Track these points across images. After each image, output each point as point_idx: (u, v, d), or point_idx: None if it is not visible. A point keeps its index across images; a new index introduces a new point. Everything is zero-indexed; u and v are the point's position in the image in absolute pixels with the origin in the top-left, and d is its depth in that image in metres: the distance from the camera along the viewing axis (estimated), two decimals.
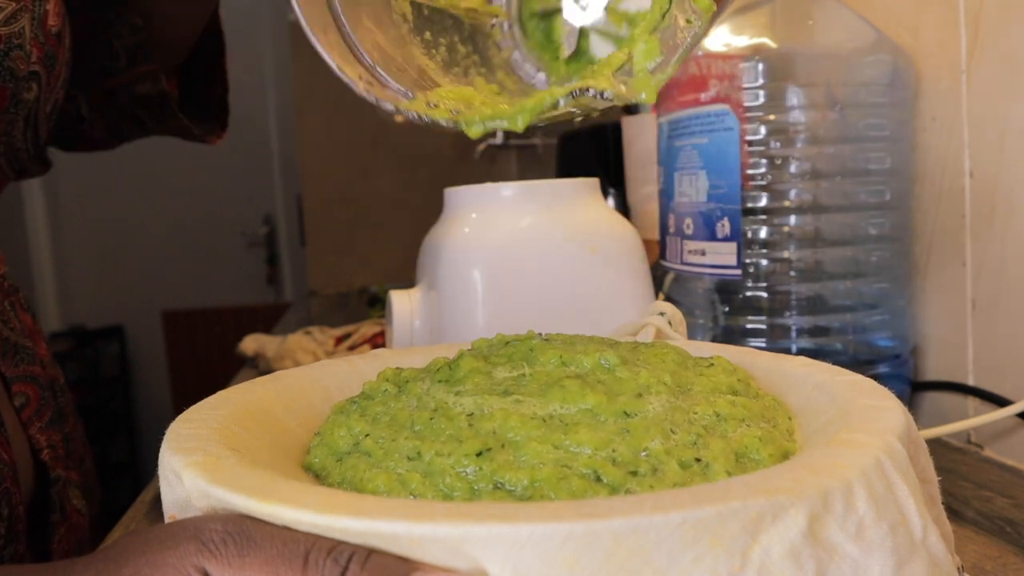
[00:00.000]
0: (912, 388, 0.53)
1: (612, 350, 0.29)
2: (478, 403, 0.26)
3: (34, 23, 0.44)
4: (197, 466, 0.22)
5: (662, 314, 0.38)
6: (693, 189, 0.52)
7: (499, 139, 2.31)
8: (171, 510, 0.23)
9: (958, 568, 0.26)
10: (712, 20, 0.28)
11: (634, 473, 0.23)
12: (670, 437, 0.24)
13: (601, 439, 0.23)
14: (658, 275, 0.58)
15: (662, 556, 0.19)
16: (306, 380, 0.33)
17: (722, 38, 0.52)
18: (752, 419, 0.26)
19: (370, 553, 0.19)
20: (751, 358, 0.32)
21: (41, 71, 0.46)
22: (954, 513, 0.41)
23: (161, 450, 0.24)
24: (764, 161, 0.49)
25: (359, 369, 0.35)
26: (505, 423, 0.24)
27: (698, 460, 0.23)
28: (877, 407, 0.25)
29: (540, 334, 0.33)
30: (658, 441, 0.23)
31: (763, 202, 0.50)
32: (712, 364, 0.30)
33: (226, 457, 0.23)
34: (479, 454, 0.23)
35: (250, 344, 0.95)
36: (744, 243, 0.50)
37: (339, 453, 0.26)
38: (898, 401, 0.26)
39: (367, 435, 0.26)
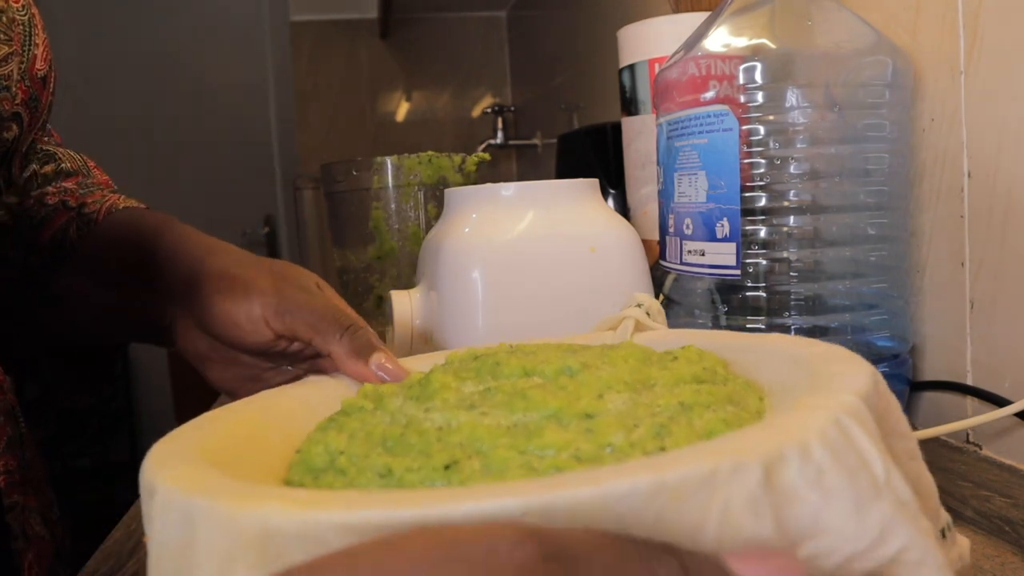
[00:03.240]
0: (911, 388, 0.53)
1: (575, 356, 0.30)
2: (446, 417, 0.27)
3: (22, 66, 0.45)
4: (177, 479, 0.22)
5: (640, 305, 0.38)
6: (692, 189, 0.52)
7: (499, 139, 2.32)
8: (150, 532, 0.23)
9: (945, 526, 0.26)
10: None
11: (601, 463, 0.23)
12: (633, 431, 0.24)
13: (565, 440, 0.24)
14: (658, 275, 0.58)
15: (625, 515, 0.19)
16: (292, 398, 0.34)
17: (722, 39, 0.52)
18: (718, 404, 0.26)
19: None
20: (725, 340, 0.33)
21: (24, 113, 0.47)
22: (953, 512, 0.41)
23: (141, 471, 0.24)
24: (763, 161, 0.49)
25: (345, 385, 0.36)
26: (472, 434, 0.25)
27: (663, 449, 0.24)
28: (843, 371, 0.25)
29: (510, 346, 0.34)
30: (621, 435, 0.24)
31: (762, 202, 0.50)
32: (676, 357, 0.31)
33: (210, 471, 0.23)
34: (447, 467, 0.24)
35: None
36: (743, 243, 0.50)
37: (316, 470, 0.26)
38: (867, 364, 0.26)
39: (342, 452, 0.26)
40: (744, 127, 0.49)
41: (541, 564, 0.16)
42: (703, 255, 0.52)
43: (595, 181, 0.57)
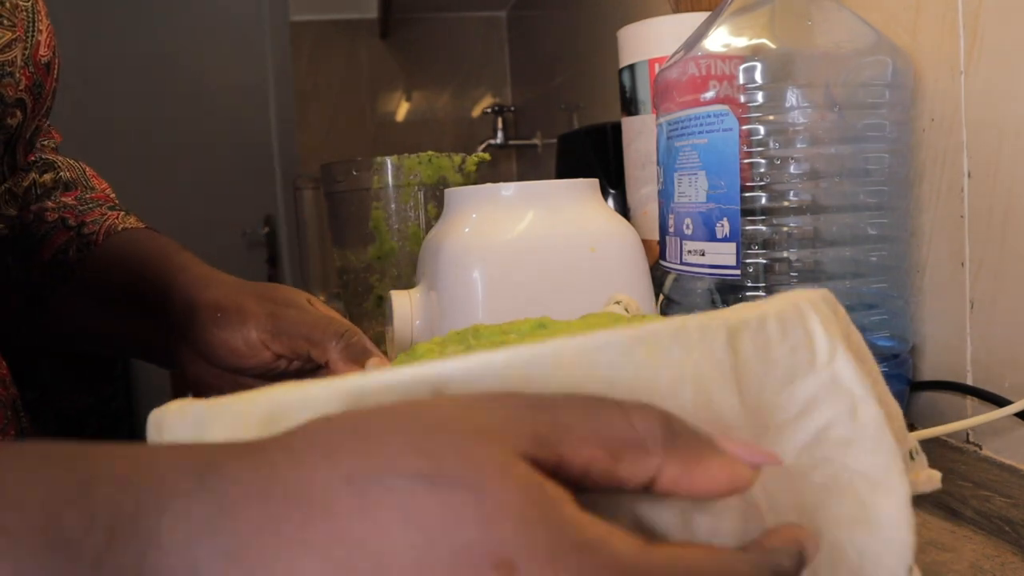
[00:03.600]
0: (911, 388, 0.53)
1: (548, 326, 0.33)
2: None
3: (26, 52, 0.46)
4: (184, 403, 0.23)
5: (618, 303, 0.39)
6: (692, 189, 0.52)
7: (499, 139, 2.31)
8: None
9: (915, 448, 0.27)
10: None
11: None
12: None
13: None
14: (658, 275, 0.58)
15: (604, 365, 0.21)
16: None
17: (722, 39, 0.52)
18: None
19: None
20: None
21: (27, 99, 0.47)
22: (952, 512, 0.41)
23: (148, 419, 0.24)
24: (763, 161, 0.49)
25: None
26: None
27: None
28: (799, 292, 0.27)
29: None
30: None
31: (762, 202, 0.50)
32: (645, 316, 0.34)
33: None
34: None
35: None
36: (743, 243, 0.50)
37: None
38: (825, 291, 0.27)
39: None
40: (744, 127, 0.49)
41: (527, 411, 0.19)
42: (703, 255, 0.52)
43: (595, 181, 0.57)
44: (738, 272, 0.50)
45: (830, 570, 0.22)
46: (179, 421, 0.22)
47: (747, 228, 0.50)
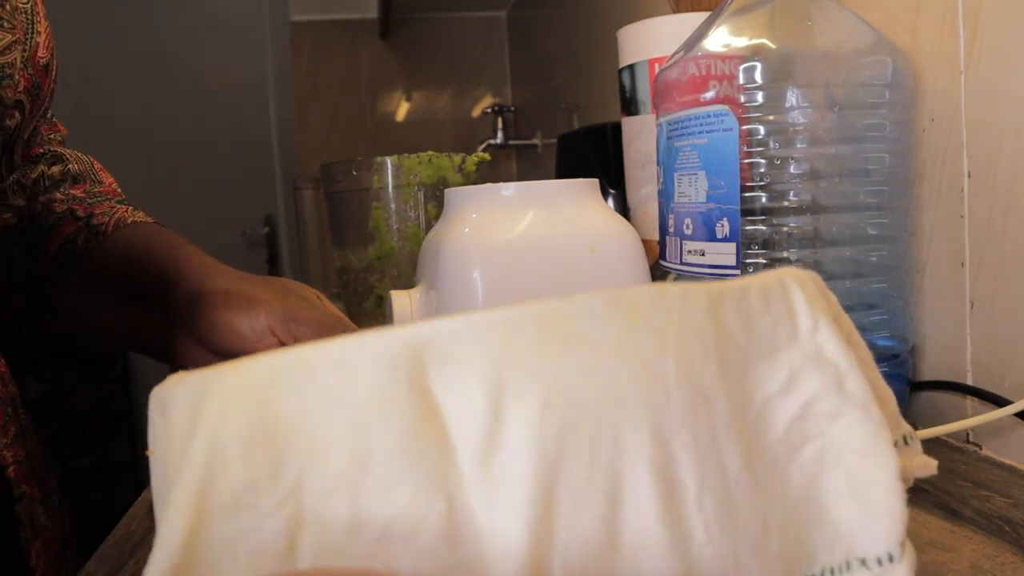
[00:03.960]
0: (911, 388, 0.53)
1: None
2: None
3: (25, 55, 0.46)
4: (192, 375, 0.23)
5: None
6: (692, 189, 0.52)
7: (499, 139, 2.32)
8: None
9: (905, 435, 0.27)
10: None
11: None
12: None
13: None
14: (658, 275, 0.58)
15: (586, 326, 0.20)
16: None
17: (721, 39, 0.52)
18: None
19: None
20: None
21: (26, 100, 0.47)
22: (952, 512, 0.41)
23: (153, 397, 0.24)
24: (763, 161, 0.49)
25: None
26: None
27: None
28: (789, 269, 0.27)
29: None
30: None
31: (762, 202, 0.50)
32: None
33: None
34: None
35: None
36: (743, 243, 0.50)
37: None
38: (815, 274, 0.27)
39: None
40: (744, 127, 0.49)
41: None
42: (703, 255, 0.52)
43: (595, 181, 0.57)
44: (738, 272, 0.50)
45: (825, 546, 0.22)
46: (179, 394, 0.22)
47: (747, 228, 0.50)
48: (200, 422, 0.21)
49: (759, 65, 0.49)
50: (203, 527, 0.19)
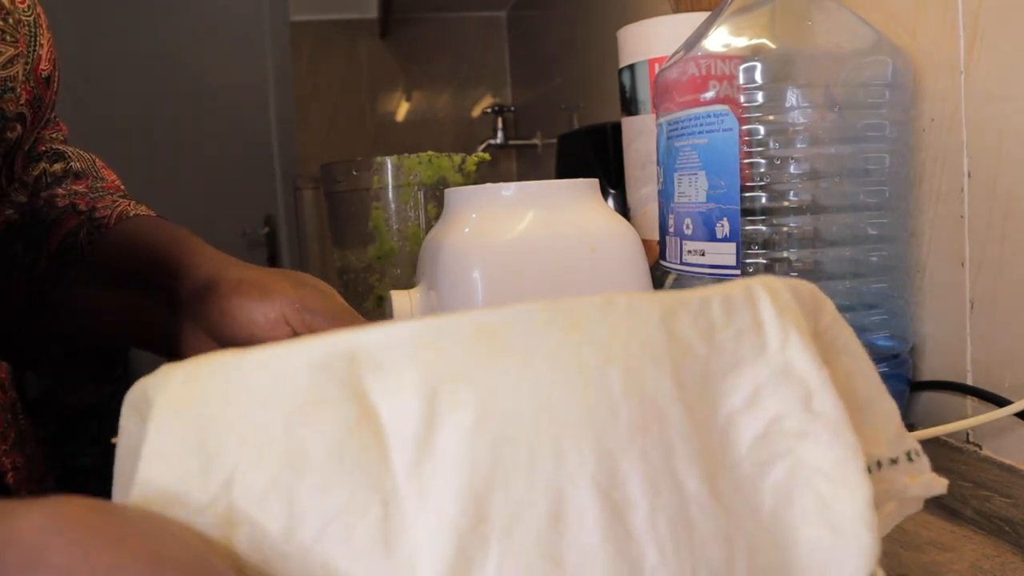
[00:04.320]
0: (911, 388, 0.53)
1: None
2: None
3: (27, 67, 0.46)
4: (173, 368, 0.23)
5: None
6: (692, 189, 0.52)
7: (499, 139, 2.32)
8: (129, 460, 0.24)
9: (910, 451, 0.25)
10: None
11: None
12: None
13: None
14: (658, 275, 0.58)
15: (522, 337, 0.20)
16: None
17: (722, 39, 0.52)
18: None
19: None
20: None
21: (27, 112, 0.47)
22: (953, 512, 0.41)
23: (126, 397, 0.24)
24: (763, 161, 0.49)
25: None
26: None
27: None
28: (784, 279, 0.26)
29: None
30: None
31: (762, 202, 0.50)
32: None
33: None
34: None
35: None
36: (743, 243, 0.50)
37: None
38: (813, 286, 0.26)
39: None
40: (744, 127, 0.49)
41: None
42: (703, 255, 0.52)
43: (595, 181, 0.57)
44: (738, 272, 0.50)
45: (797, 572, 0.21)
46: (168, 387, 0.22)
47: (747, 228, 0.50)
48: (150, 420, 0.21)
49: (759, 65, 0.49)
50: None
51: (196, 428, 0.20)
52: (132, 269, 0.52)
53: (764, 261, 0.50)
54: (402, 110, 2.58)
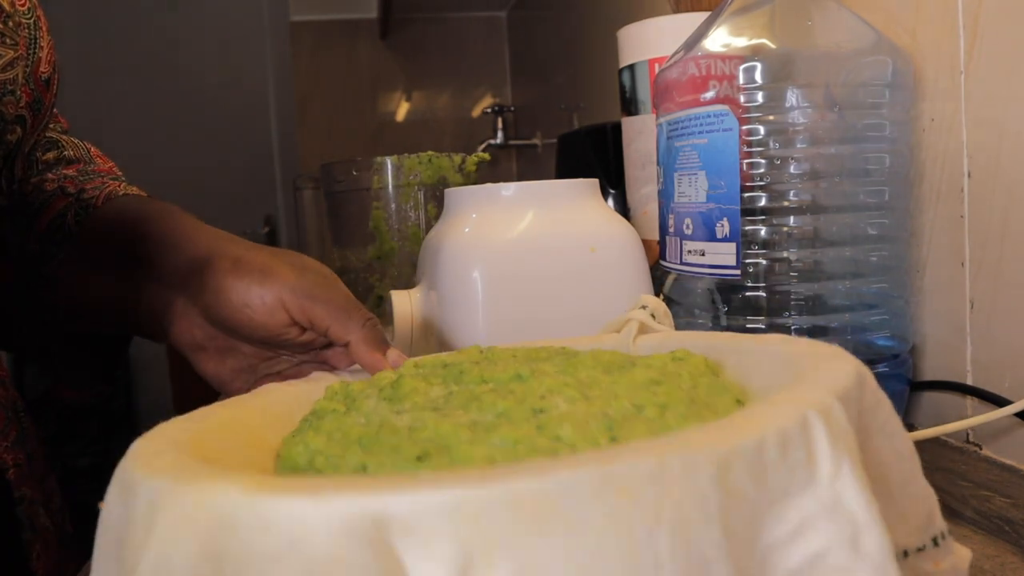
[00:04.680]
0: (911, 388, 0.53)
1: (532, 364, 0.32)
2: (415, 417, 0.28)
3: (27, 70, 0.45)
4: (161, 471, 0.22)
5: (644, 307, 0.38)
6: (692, 189, 0.52)
7: (499, 139, 2.32)
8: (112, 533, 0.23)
9: (938, 534, 0.25)
10: None
11: (554, 456, 0.24)
12: (583, 427, 0.25)
13: (518, 434, 0.25)
14: (658, 275, 0.58)
15: (569, 509, 0.19)
16: (292, 395, 0.34)
17: (722, 39, 0.52)
18: (676, 404, 0.26)
19: None
20: (722, 342, 0.33)
21: (27, 115, 0.47)
22: (953, 512, 0.41)
23: (118, 468, 0.24)
24: (763, 161, 0.49)
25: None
26: (437, 431, 0.26)
27: (614, 439, 0.24)
28: (827, 369, 0.25)
29: (480, 351, 0.36)
30: (568, 428, 0.25)
31: (762, 202, 0.50)
32: (635, 364, 0.31)
33: (195, 465, 0.23)
34: (419, 458, 0.25)
35: None
36: (743, 243, 0.50)
37: (297, 470, 0.27)
38: (855, 361, 0.26)
39: (320, 453, 0.27)
40: (744, 127, 0.49)
41: None
42: (703, 255, 0.52)
43: (595, 181, 0.57)
44: (738, 272, 0.50)
45: None
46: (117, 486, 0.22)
47: (747, 228, 0.50)
48: (152, 536, 0.20)
49: (759, 65, 0.49)
50: None
51: (211, 560, 0.19)
52: (121, 246, 0.49)
53: (764, 261, 0.50)
54: (402, 110, 2.58)
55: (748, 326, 0.51)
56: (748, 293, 0.51)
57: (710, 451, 0.20)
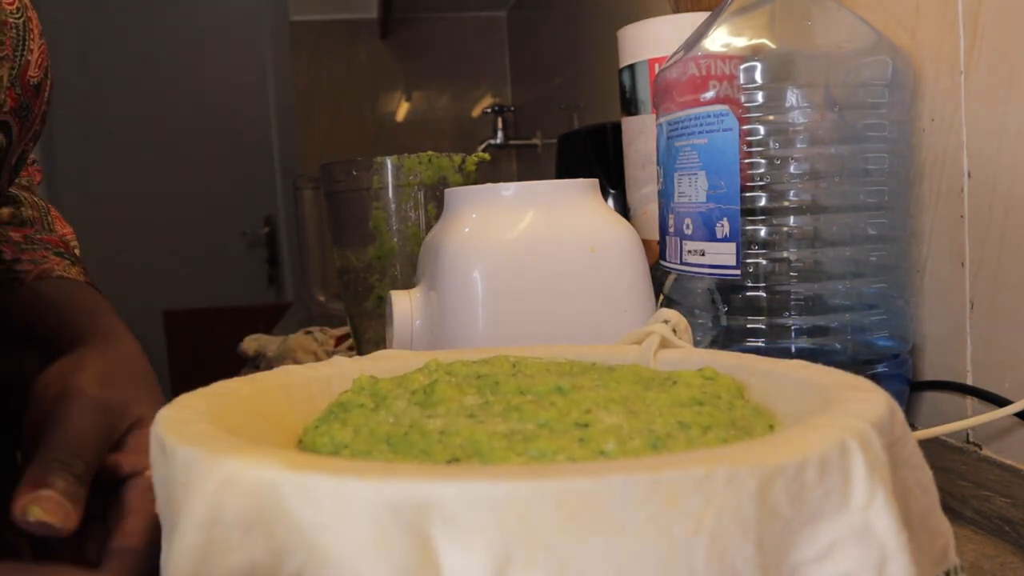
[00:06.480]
0: (911, 388, 0.53)
1: (570, 378, 0.31)
2: (448, 423, 0.27)
3: (12, 72, 0.43)
4: (197, 437, 0.23)
5: (666, 322, 0.38)
6: (692, 189, 0.52)
7: (499, 139, 2.32)
8: (161, 488, 0.24)
9: (954, 568, 0.26)
10: None
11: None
12: (627, 442, 0.24)
13: (558, 444, 0.24)
14: (658, 275, 0.58)
15: (615, 511, 0.19)
16: (314, 379, 0.34)
17: (721, 39, 0.52)
18: (718, 426, 0.26)
19: None
20: (747, 363, 0.33)
21: (13, 122, 0.44)
22: (952, 512, 0.41)
23: (152, 429, 0.25)
24: (763, 161, 0.49)
25: (366, 370, 0.36)
26: (471, 437, 0.25)
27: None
28: (860, 399, 0.25)
29: (512, 364, 0.35)
30: (614, 443, 0.24)
31: (762, 202, 0.50)
32: (676, 381, 0.31)
33: (230, 437, 0.23)
34: (449, 463, 0.24)
35: (251, 344, 0.95)
36: (743, 243, 0.50)
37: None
38: (885, 394, 0.26)
39: (346, 446, 0.27)
40: (744, 127, 0.49)
41: None
42: (703, 255, 0.52)
43: (595, 181, 0.57)
44: (738, 272, 0.50)
45: None
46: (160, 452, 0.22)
47: (747, 228, 0.50)
48: (193, 498, 0.21)
49: (759, 65, 0.49)
50: None
51: (264, 520, 0.20)
52: (24, 330, 0.47)
53: (764, 261, 0.50)
54: (402, 110, 2.58)
55: (748, 326, 0.51)
56: (748, 293, 0.51)
57: (755, 467, 0.20)
